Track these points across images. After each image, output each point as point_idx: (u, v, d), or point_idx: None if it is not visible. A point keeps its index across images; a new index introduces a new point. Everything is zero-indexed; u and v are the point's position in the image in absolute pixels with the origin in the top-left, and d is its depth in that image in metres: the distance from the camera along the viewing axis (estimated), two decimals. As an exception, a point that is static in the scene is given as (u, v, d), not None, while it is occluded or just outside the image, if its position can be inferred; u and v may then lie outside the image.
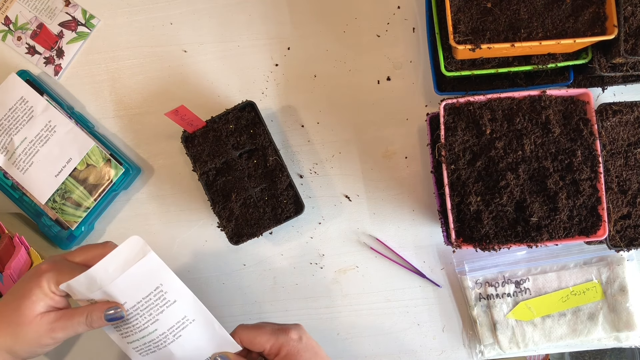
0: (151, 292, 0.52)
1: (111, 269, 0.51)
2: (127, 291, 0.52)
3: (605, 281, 0.69)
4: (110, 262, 0.51)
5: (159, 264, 0.52)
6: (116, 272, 0.51)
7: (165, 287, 0.52)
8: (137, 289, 0.52)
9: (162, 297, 0.53)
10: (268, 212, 0.69)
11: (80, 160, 0.72)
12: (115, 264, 0.51)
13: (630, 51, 0.58)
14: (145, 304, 0.52)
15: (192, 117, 0.66)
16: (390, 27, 0.73)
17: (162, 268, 0.52)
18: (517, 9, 0.59)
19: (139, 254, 0.52)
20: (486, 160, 0.59)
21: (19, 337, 0.51)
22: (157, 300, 0.53)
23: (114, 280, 0.51)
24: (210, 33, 0.75)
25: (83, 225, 0.73)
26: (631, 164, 0.63)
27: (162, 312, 0.53)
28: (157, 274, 0.52)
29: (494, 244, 0.59)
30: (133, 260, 0.51)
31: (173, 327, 0.54)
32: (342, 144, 0.74)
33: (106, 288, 0.51)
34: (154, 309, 0.53)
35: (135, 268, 0.51)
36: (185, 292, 0.53)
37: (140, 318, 0.53)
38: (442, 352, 0.74)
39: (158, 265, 0.52)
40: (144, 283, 0.52)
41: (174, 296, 0.53)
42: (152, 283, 0.52)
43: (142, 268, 0.52)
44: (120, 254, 0.51)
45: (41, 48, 0.76)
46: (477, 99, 0.60)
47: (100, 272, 0.51)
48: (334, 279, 0.74)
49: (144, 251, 0.52)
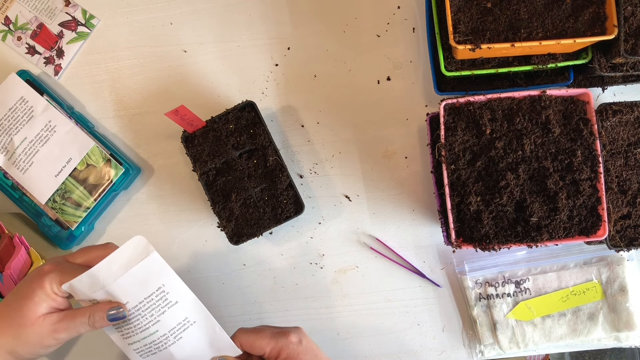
0: (153, 293, 0.52)
1: (114, 268, 0.51)
2: (129, 291, 0.52)
3: (605, 281, 0.68)
4: (113, 261, 0.51)
5: (162, 264, 0.52)
6: (119, 272, 0.51)
7: (167, 287, 0.52)
8: (139, 289, 0.52)
9: (164, 297, 0.53)
10: (268, 212, 0.69)
11: (80, 160, 0.72)
12: (118, 263, 0.51)
13: (630, 51, 0.58)
14: (147, 304, 0.52)
15: (192, 117, 0.66)
16: (390, 27, 0.73)
17: (165, 268, 0.52)
18: (517, 9, 0.59)
19: (142, 254, 0.52)
20: (486, 160, 0.59)
21: (21, 339, 0.51)
22: (159, 300, 0.53)
23: (116, 279, 0.51)
24: (210, 33, 0.75)
25: (83, 225, 0.73)
26: (631, 164, 0.63)
27: (163, 312, 0.53)
28: (160, 275, 0.52)
29: (494, 244, 0.58)
30: (136, 260, 0.51)
31: (174, 329, 0.54)
32: (342, 144, 0.74)
33: (108, 288, 0.51)
34: (156, 310, 0.53)
35: (137, 268, 0.51)
36: (187, 294, 0.53)
37: (142, 318, 0.53)
38: (442, 352, 0.74)
39: (161, 266, 0.52)
40: (146, 283, 0.52)
41: (176, 297, 0.53)
42: (154, 283, 0.52)
43: (145, 268, 0.51)
44: (123, 253, 0.51)
45: (41, 48, 0.76)
46: (477, 99, 0.60)
47: (103, 271, 0.51)
48: (334, 279, 0.74)
49: (147, 251, 0.52)
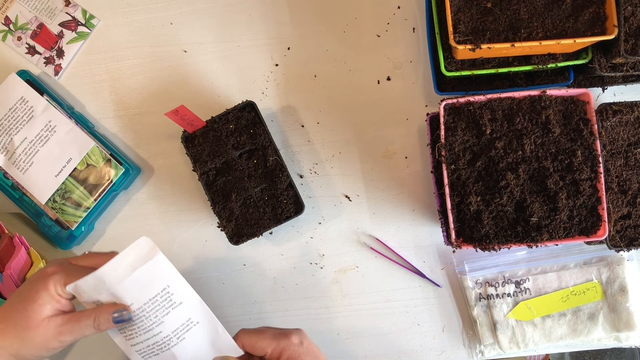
0: (158, 294, 0.52)
1: (120, 270, 0.51)
2: (134, 292, 0.52)
3: (605, 281, 0.68)
4: (118, 263, 0.51)
5: (167, 265, 0.52)
6: (125, 274, 0.51)
7: (172, 288, 0.52)
8: (144, 290, 0.52)
9: (169, 298, 0.52)
10: (268, 212, 0.69)
11: (80, 160, 0.72)
12: (124, 265, 0.51)
13: (630, 51, 0.58)
14: (152, 306, 0.52)
15: (192, 117, 0.66)
16: (390, 27, 0.73)
17: (170, 270, 0.52)
18: (517, 9, 0.59)
19: (147, 255, 0.51)
20: (486, 160, 0.59)
21: (26, 341, 0.51)
22: (164, 302, 0.52)
23: (121, 281, 0.51)
24: (210, 33, 0.75)
25: (83, 225, 0.73)
26: (631, 164, 0.63)
27: (167, 313, 0.53)
28: (165, 276, 0.52)
29: (494, 244, 0.58)
30: (141, 261, 0.51)
31: (177, 330, 0.54)
32: (342, 144, 0.74)
33: (113, 289, 0.51)
34: (160, 311, 0.53)
35: (143, 269, 0.51)
36: (192, 294, 0.53)
37: (146, 320, 0.53)
38: (442, 352, 0.74)
39: (166, 267, 0.52)
40: (151, 284, 0.52)
41: (180, 298, 0.53)
42: (159, 285, 0.52)
43: (150, 270, 0.51)
44: (129, 255, 0.51)
45: (41, 48, 0.76)
46: (477, 99, 0.60)
47: (109, 272, 0.51)
48: (334, 279, 0.74)
49: (153, 252, 0.51)
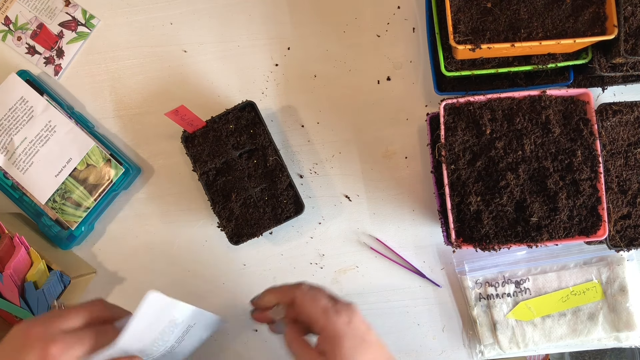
0: (165, 326, 0.52)
1: (138, 335, 0.48)
2: (143, 337, 0.49)
3: (605, 281, 0.68)
4: (135, 329, 0.47)
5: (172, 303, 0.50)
6: (142, 335, 0.48)
7: (176, 316, 0.52)
8: (151, 329, 0.50)
9: (174, 322, 0.53)
10: (268, 212, 0.69)
11: (80, 160, 0.72)
12: (141, 328, 0.48)
13: (630, 51, 0.58)
14: (160, 336, 0.52)
15: (192, 117, 0.66)
16: (390, 27, 0.73)
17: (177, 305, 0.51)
18: (517, 9, 0.59)
19: (164, 310, 0.49)
20: (486, 160, 0.59)
21: None
22: (170, 327, 0.52)
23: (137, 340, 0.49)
24: (210, 33, 0.75)
25: (83, 225, 0.73)
26: (631, 164, 0.63)
27: (172, 332, 0.53)
28: (172, 310, 0.51)
29: (494, 244, 0.58)
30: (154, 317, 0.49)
31: (179, 338, 0.55)
32: (342, 144, 0.74)
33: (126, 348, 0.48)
34: (166, 334, 0.53)
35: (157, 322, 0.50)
36: (190, 310, 0.53)
37: (154, 348, 0.53)
38: (442, 352, 0.73)
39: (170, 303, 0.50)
40: (159, 322, 0.51)
41: (182, 317, 0.53)
42: (165, 319, 0.51)
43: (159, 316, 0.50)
44: (144, 317, 0.47)
45: (41, 48, 0.76)
46: (477, 99, 0.60)
47: (129, 342, 0.47)
48: (334, 279, 0.74)
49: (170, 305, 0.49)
